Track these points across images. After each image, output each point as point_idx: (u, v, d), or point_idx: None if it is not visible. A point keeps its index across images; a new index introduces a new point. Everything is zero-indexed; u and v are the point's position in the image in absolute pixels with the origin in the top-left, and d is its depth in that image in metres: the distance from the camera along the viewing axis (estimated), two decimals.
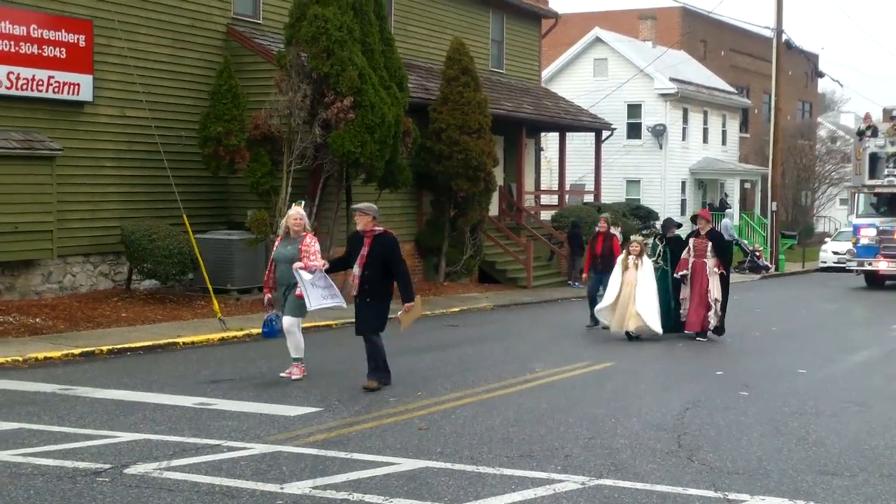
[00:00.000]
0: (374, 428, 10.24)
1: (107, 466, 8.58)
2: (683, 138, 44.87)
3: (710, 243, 17.65)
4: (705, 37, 52.86)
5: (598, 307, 18.01)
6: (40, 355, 14.32)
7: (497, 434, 10.06)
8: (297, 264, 12.55)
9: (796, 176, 49.77)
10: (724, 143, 48.78)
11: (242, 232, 21.16)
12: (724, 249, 17.94)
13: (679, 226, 20.13)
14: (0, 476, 8.26)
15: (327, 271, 12.71)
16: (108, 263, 20.62)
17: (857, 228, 30.72)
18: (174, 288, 20.92)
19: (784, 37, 39.30)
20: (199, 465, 8.68)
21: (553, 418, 10.86)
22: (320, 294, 12.60)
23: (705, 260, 17.61)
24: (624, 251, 17.87)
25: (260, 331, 15.84)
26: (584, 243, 29.34)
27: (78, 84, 19.52)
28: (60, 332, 16.40)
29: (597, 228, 20.37)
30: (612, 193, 40.31)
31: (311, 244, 12.82)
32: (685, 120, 44.90)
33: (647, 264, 17.44)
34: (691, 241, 17.84)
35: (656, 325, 17.26)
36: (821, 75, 51.81)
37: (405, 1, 28.42)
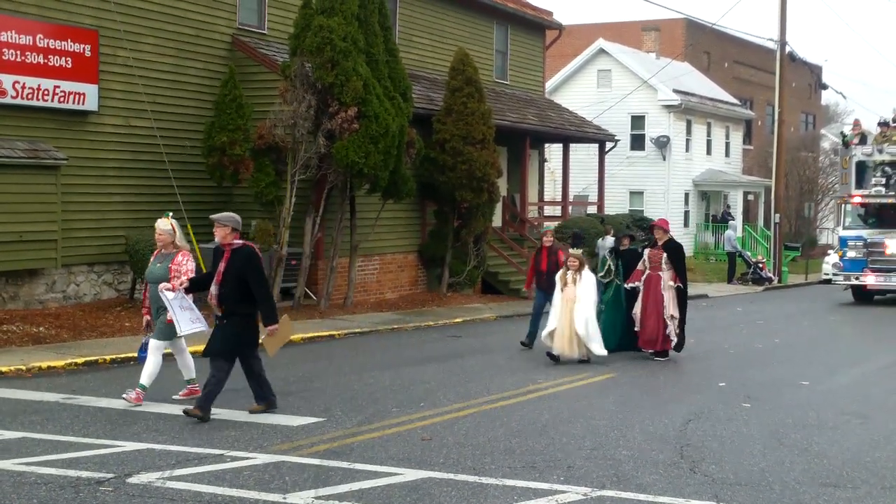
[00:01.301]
0: (376, 438, 10.25)
1: (110, 476, 8.60)
2: (687, 150, 44.89)
3: (664, 254, 16.46)
4: (709, 48, 52.92)
5: (543, 333, 16.25)
6: (44, 364, 14.35)
7: (499, 445, 10.07)
8: (162, 285, 11.58)
9: (799, 188, 49.76)
10: (727, 154, 48.80)
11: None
12: (680, 261, 16.63)
13: (631, 238, 18.62)
14: (3, 485, 8.28)
15: (186, 291, 11.67)
16: (112, 273, 20.65)
17: (844, 241, 29.45)
18: None
19: (788, 49, 39.33)
20: (202, 475, 8.70)
21: (555, 429, 10.87)
22: (188, 318, 11.64)
23: (660, 273, 16.41)
24: (563, 267, 16.39)
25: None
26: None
27: (83, 94, 19.58)
28: (64, 342, 16.42)
29: (541, 242, 18.50)
30: (616, 205, 40.32)
31: (184, 263, 11.83)
32: (689, 131, 44.92)
33: (587, 280, 15.90)
34: (646, 252, 16.74)
35: (598, 347, 15.79)
36: (824, 87, 51.86)
37: (410, 11, 28.51)
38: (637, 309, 16.59)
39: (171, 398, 12.12)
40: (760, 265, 37.45)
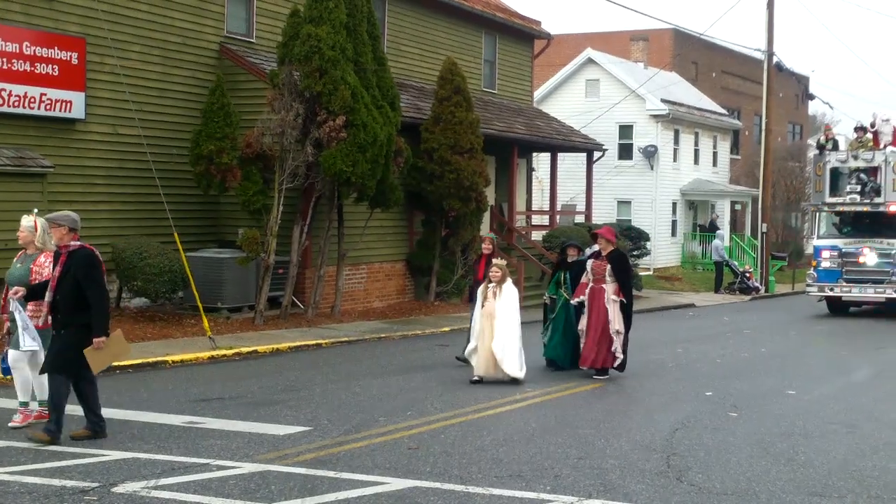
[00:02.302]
0: (363, 447, 10.23)
1: (95, 485, 8.56)
2: (674, 159, 45.00)
3: (608, 266, 15.32)
4: (697, 58, 53.10)
5: (467, 349, 15.16)
6: None
7: (486, 454, 10.06)
8: (14, 289, 10.44)
9: (786, 198, 49.91)
10: (714, 164, 48.92)
11: (233, 250, 21.15)
12: (624, 272, 15.50)
13: (579, 250, 16.86)
14: None
15: (29, 298, 10.42)
16: None
17: (818, 251, 28.43)
18: (164, 306, 20.89)
19: (775, 59, 39.48)
20: (187, 484, 8.67)
21: (542, 438, 10.86)
22: (29, 334, 10.35)
23: (604, 286, 15.28)
24: (485, 279, 15.05)
25: (250, 350, 15.84)
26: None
27: (70, 101, 19.53)
28: None
29: (481, 250, 17.30)
30: (603, 214, 40.37)
31: (46, 265, 10.70)
32: (676, 141, 45.02)
33: (508, 293, 14.62)
34: (590, 263, 15.61)
35: (514, 368, 14.43)
36: (811, 97, 52.04)
37: (398, 21, 28.54)
38: (582, 324, 15.59)
39: (7, 425, 10.80)
40: (747, 275, 37.55)
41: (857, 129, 29.36)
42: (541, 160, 39.16)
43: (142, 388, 13.75)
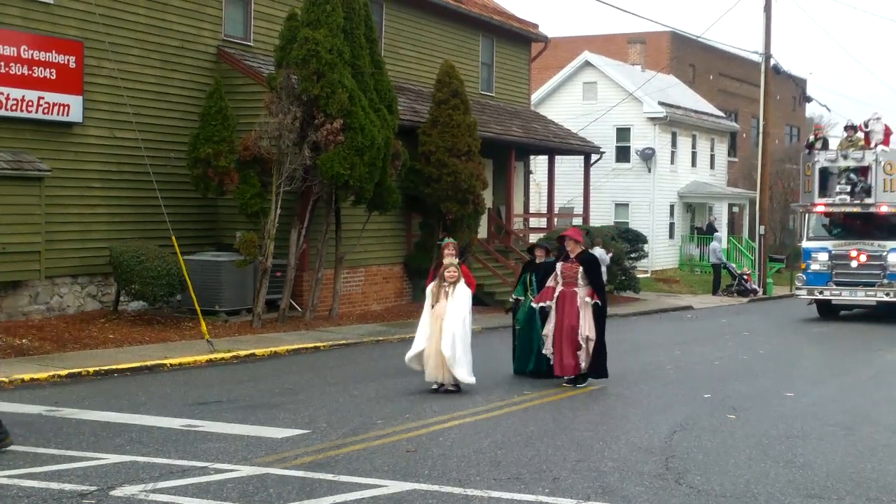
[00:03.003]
0: (361, 450, 10.22)
1: (93, 488, 8.55)
2: (672, 162, 45.01)
3: (580, 268, 14.64)
4: (694, 61, 53.12)
5: (408, 354, 14.18)
6: (26, 376, 14.27)
7: (485, 456, 10.05)
8: None
9: (784, 200, 49.91)
10: (712, 166, 48.94)
11: (231, 253, 21.14)
12: (597, 275, 14.83)
13: (547, 251, 16.04)
14: None
15: None
16: (96, 285, 20.57)
17: (807, 253, 27.71)
18: (162, 309, 20.88)
19: (772, 62, 39.51)
20: (185, 488, 8.66)
21: (541, 441, 10.86)
22: None
23: (575, 289, 14.55)
24: (437, 278, 14.23)
25: (248, 353, 15.82)
26: None
27: (68, 105, 19.53)
28: (47, 353, 16.34)
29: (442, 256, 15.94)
30: (601, 216, 40.37)
31: None
32: (674, 144, 45.04)
33: (460, 294, 13.89)
34: (559, 265, 14.85)
35: (464, 373, 13.72)
36: (809, 100, 52.06)
37: (396, 24, 28.55)
38: (548, 329, 14.76)
39: None
40: (745, 277, 37.56)
41: (847, 128, 28.67)
42: (538, 163, 39.19)
43: (139, 391, 13.73)
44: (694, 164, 47.02)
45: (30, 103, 18.87)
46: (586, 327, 14.49)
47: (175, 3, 21.92)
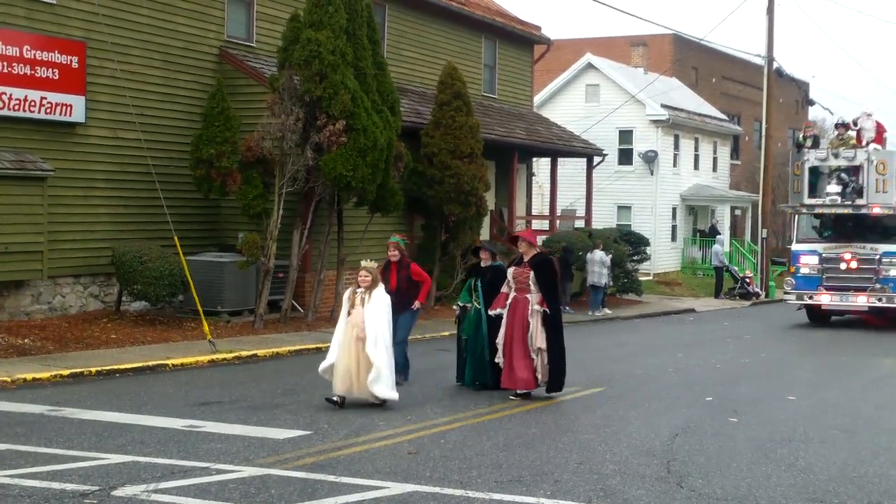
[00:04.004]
0: (363, 452, 10.22)
1: (94, 488, 8.55)
2: (674, 165, 45.00)
3: (532, 272, 13.55)
4: (697, 64, 53.11)
5: (322, 365, 13.00)
6: (29, 376, 14.27)
7: (486, 458, 10.05)
8: None
9: (786, 203, 49.90)
10: (714, 169, 48.94)
11: (233, 254, 21.15)
12: (549, 280, 13.69)
13: (493, 254, 14.84)
14: None
15: None
16: (99, 285, 20.58)
17: (796, 256, 26.70)
18: (164, 310, 20.88)
19: (775, 64, 39.51)
20: (187, 488, 8.66)
21: (543, 443, 10.85)
22: None
23: (528, 295, 13.52)
24: (353, 284, 13.14)
25: (250, 354, 15.81)
26: (572, 268, 29.45)
27: (70, 105, 19.54)
28: (49, 353, 16.35)
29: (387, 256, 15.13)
30: (603, 219, 40.37)
31: None
32: (676, 146, 45.04)
33: (378, 300, 12.69)
34: (511, 270, 13.83)
35: (385, 389, 12.55)
36: (811, 103, 52.03)
37: (398, 25, 28.56)
38: (500, 338, 13.72)
39: None
40: (748, 280, 37.53)
41: (837, 126, 27.54)
42: (541, 165, 39.18)
43: (142, 391, 13.74)
44: (696, 166, 47.02)
45: (33, 103, 18.88)
46: (537, 338, 13.41)
47: (178, 4, 21.94)
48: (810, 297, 26.24)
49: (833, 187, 25.85)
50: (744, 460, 10.30)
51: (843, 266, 25.75)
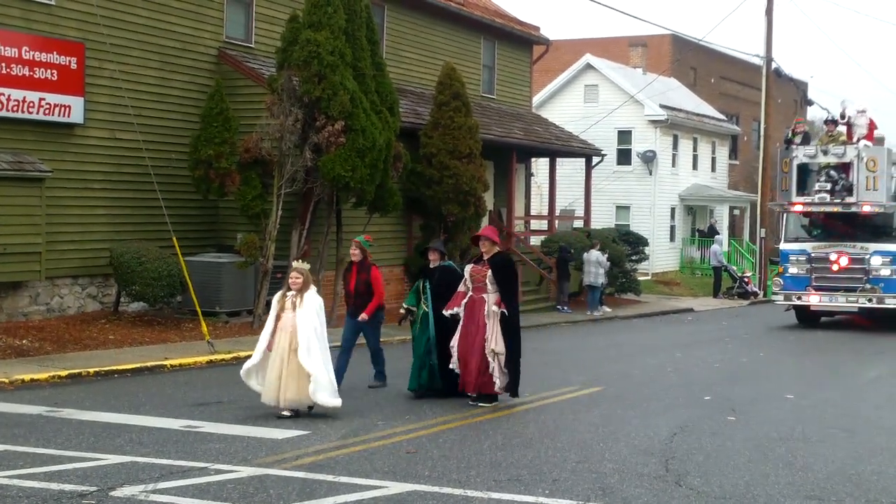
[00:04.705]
0: (361, 451, 10.22)
1: (92, 489, 8.55)
2: (673, 165, 45.01)
3: (489, 272, 12.95)
4: (695, 64, 53.11)
5: (244, 367, 12.27)
6: (27, 377, 14.27)
7: (485, 458, 10.05)
8: None
9: None
10: (713, 169, 48.95)
11: (232, 255, 21.15)
12: (508, 280, 13.02)
13: (441, 254, 14.17)
14: None
15: None
16: (97, 285, 20.57)
17: (785, 255, 26.10)
18: (162, 310, 20.88)
19: (773, 65, 39.53)
20: (185, 488, 8.66)
21: (541, 442, 10.86)
22: None
23: (484, 295, 12.90)
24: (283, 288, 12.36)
25: (248, 354, 15.67)
26: (570, 268, 29.47)
27: (69, 106, 19.54)
28: (47, 354, 16.35)
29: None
30: (602, 219, 40.37)
31: None
32: (675, 146, 45.05)
33: (309, 303, 11.99)
34: (468, 268, 13.25)
35: (326, 395, 11.81)
36: (810, 103, 51.97)
37: (397, 26, 28.56)
38: (455, 341, 13.07)
39: None
40: (746, 279, 37.55)
41: (827, 122, 26.92)
42: (540, 165, 39.19)
43: (140, 392, 13.74)
44: (695, 166, 47.03)
45: (31, 104, 18.88)
46: (493, 340, 12.79)
47: (176, 5, 21.94)
48: (799, 298, 25.64)
49: (822, 185, 25.13)
50: (742, 459, 10.30)
51: (832, 266, 25.15)
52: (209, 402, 13.01)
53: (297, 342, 11.78)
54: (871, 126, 25.99)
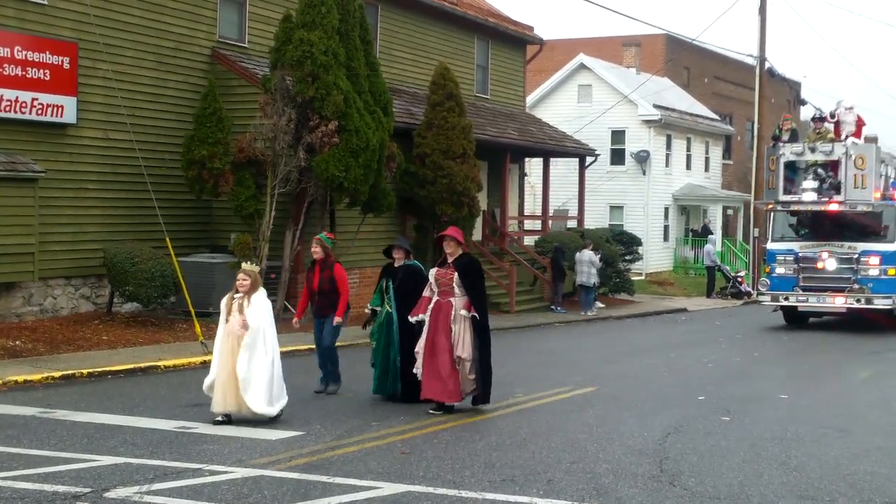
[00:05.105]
0: (356, 452, 10.21)
1: (86, 490, 8.53)
2: (667, 165, 45.06)
3: (455, 274, 12.40)
4: (689, 64, 53.18)
5: (205, 383, 11.74)
6: (20, 378, 14.24)
7: (479, 458, 10.05)
8: None
9: None
10: (707, 169, 49.02)
11: (225, 255, 21.12)
12: (476, 283, 12.53)
13: (407, 253, 13.62)
14: None
15: None
16: (90, 286, 20.54)
17: (772, 255, 25.53)
18: (156, 311, 20.84)
19: (767, 65, 39.60)
20: (179, 489, 8.64)
21: (535, 443, 10.86)
22: None
23: (451, 299, 12.36)
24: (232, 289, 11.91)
25: None
26: (564, 269, 29.48)
27: (62, 106, 19.50)
28: (41, 355, 16.31)
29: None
30: (596, 219, 40.41)
31: None
32: (668, 146, 45.10)
33: (257, 305, 11.61)
34: (433, 271, 12.70)
35: (257, 401, 11.32)
36: (803, 103, 52.16)
37: (391, 26, 28.55)
38: (420, 346, 12.45)
39: None
40: (739, 279, 37.58)
41: (815, 120, 26.57)
42: (533, 165, 39.20)
43: (133, 393, 13.71)
44: (689, 166, 47.09)
45: (24, 104, 18.83)
46: (460, 346, 12.26)
47: (170, 5, 21.91)
48: (786, 299, 25.08)
49: (809, 183, 24.66)
50: (736, 459, 10.31)
51: (820, 266, 24.65)
52: (203, 402, 12.95)
53: (240, 348, 11.34)
54: (860, 123, 25.55)
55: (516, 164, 33.96)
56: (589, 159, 35.78)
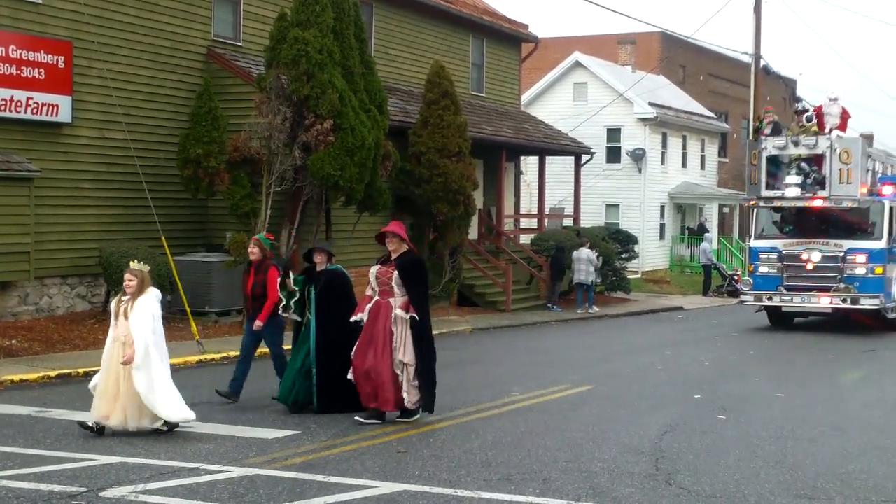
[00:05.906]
0: (352, 451, 10.21)
1: (82, 489, 8.52)
2: (662, 163, 45.07)
3: (395, 273, 11.59)
4: (684, 62, 53.17)
5: (91, 382, 11.18)
6: (16, 377, 14.23)
7: (475, 457, 10.05)
8: None
9: None
10: (702, 167, 49.03)
11: (221, 254, 21.11)
12: (417, 282, 11.68)
13: (329, 255, 12.77)
14: None
15: None
16: (86, 285, 20.51)
17: (754, 253, 24.61)
18: None
19: (762, 62, 39.60)
20: (175, 489, 8.64)
21: (531, 442, 10.86)
22: None
23: (391, 299, 11.57)
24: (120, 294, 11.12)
25: (238, 354, 15.67)
26: (564, 268, 29.51)
27: (57, 105, 19.47)
28: (36, 354, 16.29)
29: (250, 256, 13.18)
30: (592, 217, 40.41)
31: None
32: (664, 144, 45.11)
33: (141, 308, 10.74)
34: (374, 269, 11.84)
35: (167, 408, 10.71)
36: (799, 100, 51.86)
37: (386, 24, 28.53)
38: (355, 350, 11.68)
39: None
40: (736, 277, 37.58)
41: (797, 113, 25.54)
42: (529, 163, 39.19)
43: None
44: (684, 164, 47.10)
45: (19, 103, 18.80)
46: (402, 350, 11.50)
47: (165, 4, 21.88)
48: (770, 298, 24.10)
49: (793, 178, 23.53)
50: (732, 457, 10.31)
51: (805, 264, 23.73)
52: (199, 402, 12.95)
53: (130, 356, 10.60)
54: (844, 115, 24.58)
55: (512, 162, 33.96)
56: (585, 157, 35.79)
